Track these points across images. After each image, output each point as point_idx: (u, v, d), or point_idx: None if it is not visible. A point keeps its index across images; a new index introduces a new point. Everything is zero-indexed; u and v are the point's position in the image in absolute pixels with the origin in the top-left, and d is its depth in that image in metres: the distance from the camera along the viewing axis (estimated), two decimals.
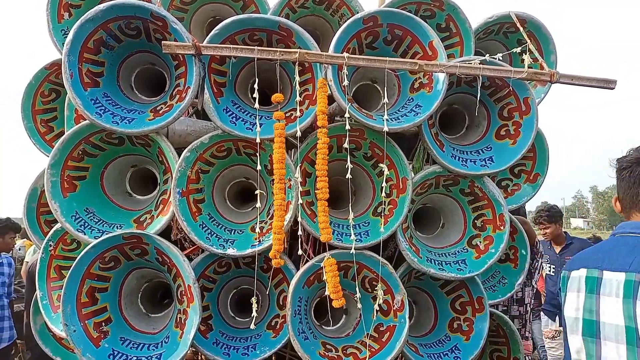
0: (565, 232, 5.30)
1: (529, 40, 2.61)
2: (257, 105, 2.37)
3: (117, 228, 2.52)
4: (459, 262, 2.64)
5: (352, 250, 2.40)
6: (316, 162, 2.32)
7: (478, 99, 2.43)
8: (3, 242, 4.95)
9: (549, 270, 5.23)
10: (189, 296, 2.37)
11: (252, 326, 2.40)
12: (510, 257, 3.12)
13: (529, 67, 2.52)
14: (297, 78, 2.35)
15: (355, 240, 2.43)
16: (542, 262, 3.82)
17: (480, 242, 2.69)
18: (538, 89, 3.07)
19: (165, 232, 2.55)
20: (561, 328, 5.10)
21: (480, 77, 2.46)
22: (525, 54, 2.54)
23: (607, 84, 2.42)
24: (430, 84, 2.51)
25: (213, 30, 2.40)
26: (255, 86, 2.35)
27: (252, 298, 2.43)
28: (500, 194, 2.67)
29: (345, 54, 2.36)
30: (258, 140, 2.36)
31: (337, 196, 2.73)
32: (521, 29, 2.75)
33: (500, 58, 2.54)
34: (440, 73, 2.44)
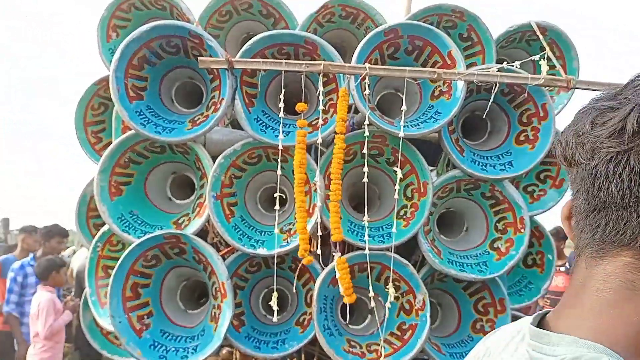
0: None
1: (547, 48, 2.69)
2: (281, 114, 2.55)
3: (158, 229, 2.73)
4: (480, 264, 2.71)
5: (366, 251, 2.52)
6: (332, 166, 2.47)
7: (490, 102, 2.53)
8: (49, 246, 5.30)
9: None
10: (223, 292, 2.56)
11: (275, 319, 2.57)
12: (537, 262, 3.16)
13: (549, 74, 2.60)
14: (321, 88, 2.52)
15: (378, 242, 2.56)
16: None
17: (501, 244, 2.76)
18: (561, 95, 3.12)
19: (203, 237, 2.75)
20: None
21: (498, 84, 2.55)
22: (543, 60, 2.61)
23: None
24: (449, 91, 2.63)
25: (244, 46, 2.61)
26: (281, 96, 2.53)
27: (273, 294, 2.60)
28: (520, 197, 2.73)
29: (367, 65, 2.51)
30: (280, 147, 2.53)
31: (363, 200, 2.85)
32: (541, 36, 2.82)
33: (518, 65, 2.62)
34: (458, 81, 2.55)
